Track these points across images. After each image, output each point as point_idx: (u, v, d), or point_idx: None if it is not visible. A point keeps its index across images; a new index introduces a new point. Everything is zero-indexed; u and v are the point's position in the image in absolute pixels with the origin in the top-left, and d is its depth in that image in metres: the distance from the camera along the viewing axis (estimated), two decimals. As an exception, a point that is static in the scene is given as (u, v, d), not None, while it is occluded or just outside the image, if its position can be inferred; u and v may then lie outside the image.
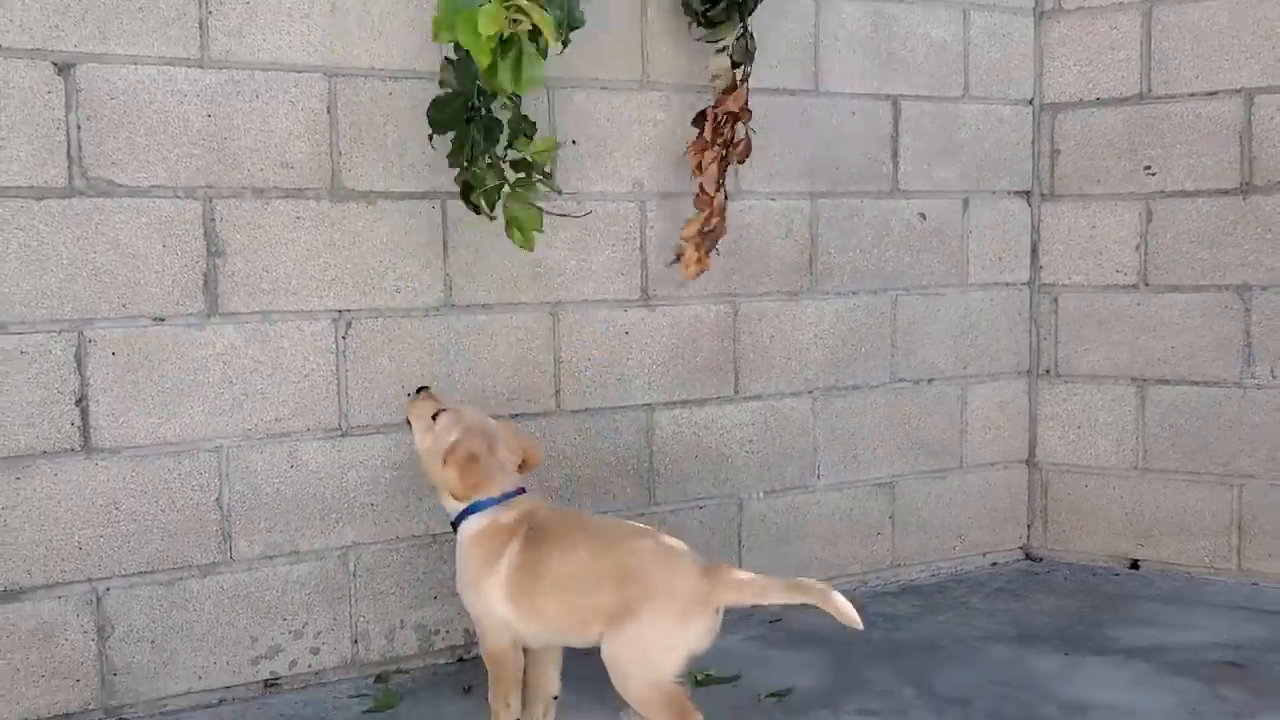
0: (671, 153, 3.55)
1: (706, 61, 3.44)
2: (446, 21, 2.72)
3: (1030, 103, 4.18)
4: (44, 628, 2.85)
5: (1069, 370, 4.21)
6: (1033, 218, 4.22)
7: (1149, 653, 3.33)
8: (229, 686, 3.06)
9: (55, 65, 2.79)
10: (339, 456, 3.15)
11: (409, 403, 2.81)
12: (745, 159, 3.42)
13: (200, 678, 3.02)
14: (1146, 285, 4.05)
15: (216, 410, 3.00)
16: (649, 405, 3.58)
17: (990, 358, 4.19)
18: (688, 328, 3.63)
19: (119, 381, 2.90)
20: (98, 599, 2.90)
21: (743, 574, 2.55)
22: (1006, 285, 4.21)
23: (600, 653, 2.53)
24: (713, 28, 3.37)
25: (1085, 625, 3.57)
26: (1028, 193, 4.21)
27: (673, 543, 2.61)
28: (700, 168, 3.36)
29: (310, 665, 3.16)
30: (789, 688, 3.10)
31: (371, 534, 3.20)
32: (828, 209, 3.78)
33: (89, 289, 2.85)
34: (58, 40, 2.78)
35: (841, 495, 3.95)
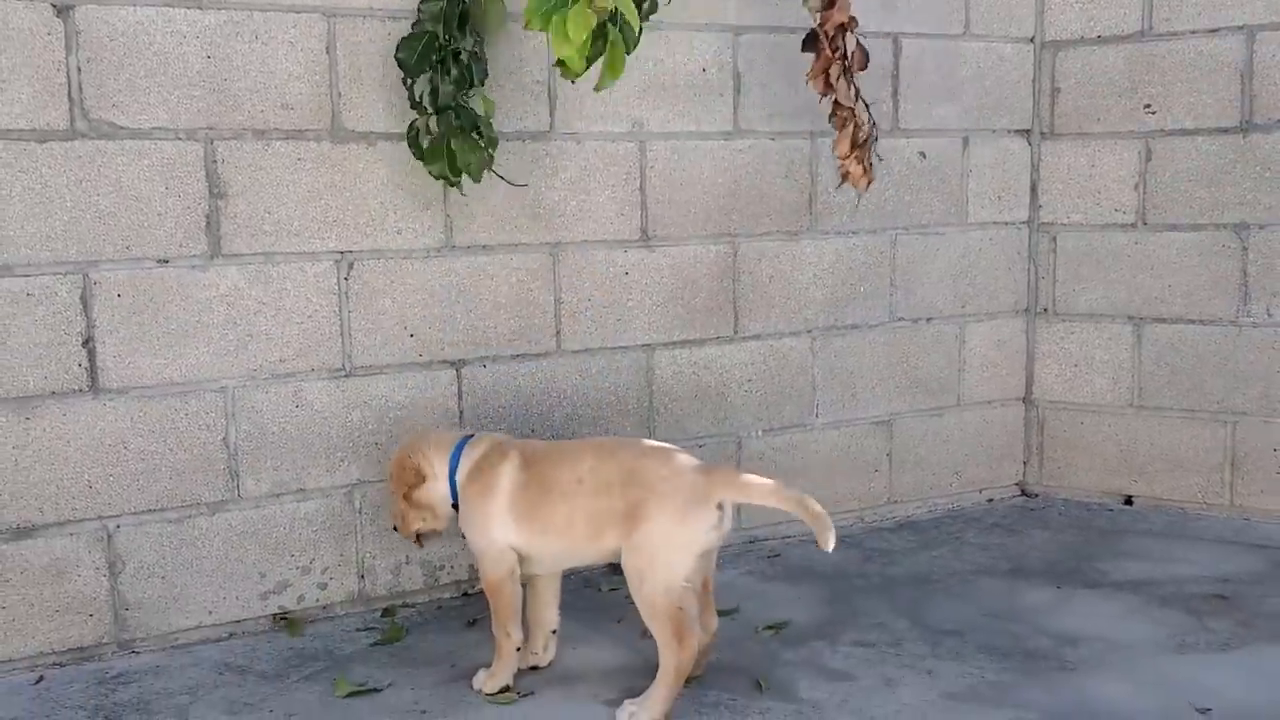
0: (672, 92, 3.55)
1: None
2: (540, 11, 2.57)
3: (1031, 40, 4.15)
4: (56, 564, 2.91)
5: (1066, 309, 4.23)
6: (1032, 156, 4.22)
7: (1139, 586, 3.39)
8: (239, 620, 3.13)
9: (55, 7, 2.79)
10: (343, 396, 3.20)
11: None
12: (864, 66, 3.32)
13: (210, 612, 3.09)
14: (1145, 224, 4.06)
15: (221, 351, 3.04)
16: (649, 345, 3.62)
17: (989, 297, 4.21)
18: (687, 268, 3.65)
19: (125, 323, 2.93)
20: (108, 536, 2.96)
21: (745, 476, 2.62)
22: (1005, 224, 4.21)
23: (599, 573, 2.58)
24: None
25: (1077, 559, 3.63)
26: (1028, 131, 4.21)
27: (675, 449, 2.69)
28: (830, 85, 3.27)
29: (318, 600, 3.22)
30: (786, 620, 3.17)
31: (376, 472, 3.24)
32: (827, 148, 3.77)
33: (93, 231, 2.88)
34: (56, -19, 2.79)
35: (839, 433, 3.99)
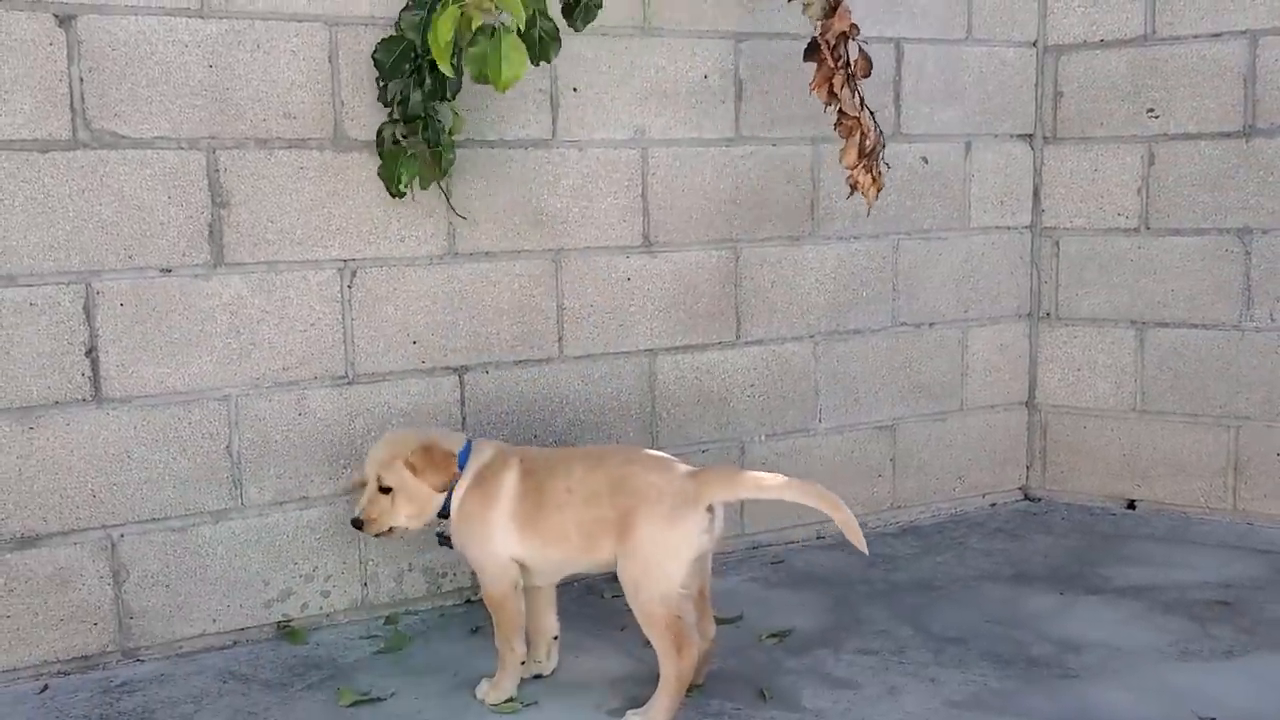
0: (674, 99, 3.55)
1: (706, 7, 3.40)
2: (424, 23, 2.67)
3: (1034, 45, 4.15)
4: (61, 573, 2.91)
5: (1069, 313, 4.23)
6: (1035, 161, 4.22)
7: (1142, 591, 3.39)
8: (242, 629, 3.13)
9: (56, 17, 2.79)
10: (346, 404, 3.20)
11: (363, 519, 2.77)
12: (868, 73, 3.29)
13: (214, 620, 3.10)
14: (1147, 228, 4.06)
15: (225, 360, 3.04)
16: (651, 351, 3.62)
17: (991, 301, 4.21)
18: (689, 274, 3.65)
19: (128, 332, 2.93)
20: (112, 545, 2.96)
21: (744, 473, 2.63)
22: (1008, 229, 4.21)
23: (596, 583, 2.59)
24: None
25: (1080, 565, 3.63)
26: (1030, 136, 4.20)
27: (662, 455, 2.71)
28: (833, 94, 3.25)
29: (321, 608, 3.23)
30: (789, 628, 3.17)
31: (379, 480, 3.25)
32: (830, 153, 3.77)
33: (96, 241, 2.88)
34: (58, -9, 2.79)
35: (842, 438, 3.99)
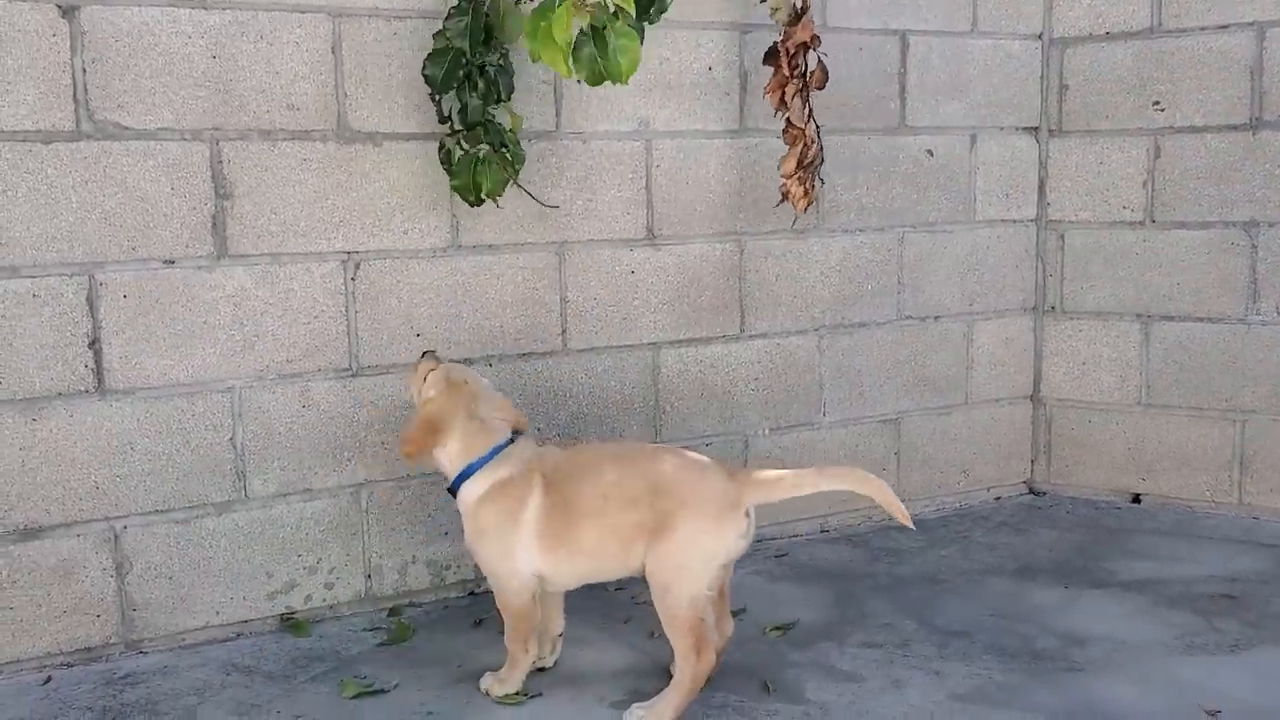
0: (678, 91, 3.54)
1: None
2: (531, 31, 2.52)
3: (1039, 37, 4.14)
4: (64, 565, 2.91)
5: (1074, 307, 4.22)
6: (1040, 154, 4.20)
7: (1147, 585, 3.38)
8: (246, 621, 3.13)
9: (59, 8, 2.78)
10: (350, 396, 3.19)
11: (412, 365, 2.83)
12: (823, 85, 3.32)
13: (218, 612, 3.10)
14: (1153, 222, 4.04)
15: (228, 351, 3.04)
16: (655, 344, 3.61)
17: (996, 294, 4.20)
18: (693, 266, 3.64)
19: (131, 324, 2.93)
20: (115, 537, 2.96)
21: (770, 473, 2.59)
22: (1013, 222, 4.20)
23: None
24: None
25: (1085, 558, 3.62)
26: (1036, 129, 4.19)
27: (695, 455, 2.66)
28: (784, 103, 3.28)
29: (325, 600, 3.22)
30: (794, 621, 3.16)
31: (383, 472, 3.25)
32: (834, 146, 3.76)
33: (99, 232, 2.88)
34: (61, -18, 2.78)
35: (847, 432, 3.98)
